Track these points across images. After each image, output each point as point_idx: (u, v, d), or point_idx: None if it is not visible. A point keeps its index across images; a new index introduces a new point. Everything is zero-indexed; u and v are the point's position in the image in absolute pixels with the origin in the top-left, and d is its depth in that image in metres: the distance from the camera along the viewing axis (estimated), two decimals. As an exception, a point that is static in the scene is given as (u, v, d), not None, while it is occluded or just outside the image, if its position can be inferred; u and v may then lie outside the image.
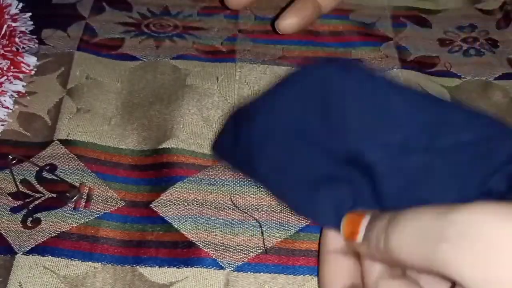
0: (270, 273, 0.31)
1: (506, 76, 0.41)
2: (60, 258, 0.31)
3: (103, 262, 0.31)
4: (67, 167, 0.35)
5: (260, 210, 0.33)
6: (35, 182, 0.34)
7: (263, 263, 0.31)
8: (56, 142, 0.36)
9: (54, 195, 0.34)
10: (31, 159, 0.35)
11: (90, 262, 0.31)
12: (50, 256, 0.31)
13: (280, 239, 0.32)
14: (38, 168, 0.35)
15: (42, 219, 0.33)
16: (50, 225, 0.32)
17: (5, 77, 0.38)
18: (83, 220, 0.33)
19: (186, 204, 0.33)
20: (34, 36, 0.43)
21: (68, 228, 0.32)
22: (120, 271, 0.31)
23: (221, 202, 0.34)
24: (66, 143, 0.36)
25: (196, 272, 0.31)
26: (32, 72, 0.40)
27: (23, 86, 0.39)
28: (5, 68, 0.38)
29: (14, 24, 0.41)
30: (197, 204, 0.33)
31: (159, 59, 0.42)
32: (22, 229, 0.32)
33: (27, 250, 0.31)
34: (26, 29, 0.42)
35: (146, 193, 0.34)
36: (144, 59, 0.42)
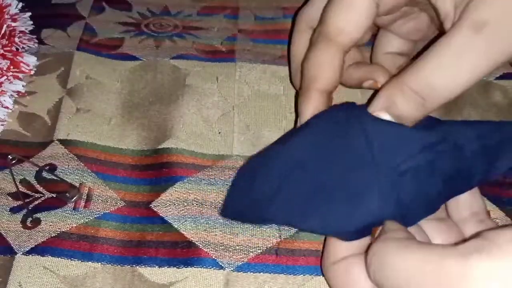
0: (270, 273, 0.31)
1: (506, 76, 0.41)
2: (60, 258, 0.31)
3: (103, 262, 0.31)
4: (66, 167, 0.35)
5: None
6: (35, 182, 0.34)
7: (263, 263, 0.31)
8: (56, 142, 0.36)
9: (54, 195, 0.34)
10: (31, 159, 0.35)
11: (90, 262, 0.31)
12: (50, 256, 0.31)
13: (280, 239, 0.32)
14: (38, 168, 0.35)
15: (42, 219, 0.33)
16: (50, 225, 0.32)
17: (5, 77, 0.38)
18: (82, 220, 0.33)
19: (186, 204, 0.33)
20: (34, 36, 0.43)
21: (68, 228, 0.32)
22: (120, 271, 0.31)
23: (221, 202, 0.34)
24: (66, 143, 0.36)
25: (196, 272, 0.31)
26: (32, 72, 0.40)
27: (22, 86, 0.39)
28: (5, 68, 0.38)
29: (14, 24, 0.41)
30: (197, 204, 0.33)
31: (159, 59, 0.42)
32: (22, 229, 0.32)
33: (27, 250, 0.31)
34: (26, 29, 0.42)
35: (146, 193, 0.34)
36: (144, 59, 0.42)
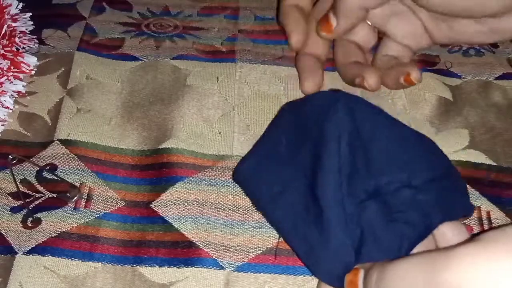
0: (270, 273, 0.31)
1: (506, 76, 0.41)
2: (60, 258, 0.31)
3: (103, 262, 0.31)
4: (67, 167, 0.35)
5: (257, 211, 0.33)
6: (35, 182, 0.34)
7: (263, 263, 0.31)
8: (56, 142, 0.36)
9: (55, 195, 0.34)
10: (31, 159, 0.35)
11: (90, 262, 0.31)
12: (51, 256, 0.31)
13: (280, 239, 0.32)
14: (38, 168, 0.35)
15: (42, 219, 0.33)
16: (51, 225, 0.32)
17: (5, 77, 0.38)
18: (83, 220, 0.33)
19: (186, 204, 0.34)
20: (34, 36, 0.43)
21: (68, 228, 0.32)
22: (120, 271, 0.31)
23: (221, 202, 0.34)
24: (66, 143, 0.36)
25: (196, 272, 0.31)
26: (32, 72, 0.40)
27: (23, 86, 0.39)
28: (5, 68, 0.38)
29: (14, 24, 0.41)
30: (197, 204, 0.34)
31: (159, 59, 0.42)
32: (22, 229, 0.32)
33: (27, 250, 0.31)
34: (26, 29, 0.42)
35: (146, 193, 0.34)
36: (144, 59, 0.42)
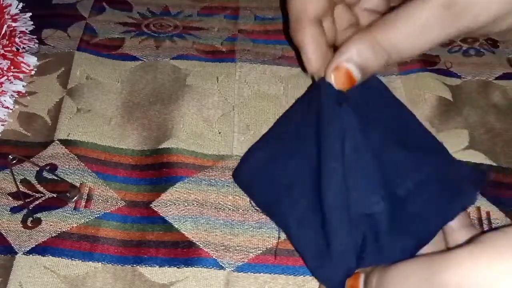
0: (270, 273, 0.31)
1: (506, 76, 0.41)
2: (60, 258, 0.31)
3: (103, 262, 0.31)
4: (67, 167, 0.35)
5: (260, 211, 0.33)
6: (36, 182, 0.34)
7: (263, 263, 0.31)
8: (57, 142, 0.36)
9: (55, 195, 0.34)
10: (31, 159, 0.35)
11: (91, 262, 0.31)
12: (51, 256, 0.31)
13: (280, 240, 0.32)
14: (38, 168, 0.35)
15: (42, 219, 0.33)
16: (51, 225, 0.32)
17: (5, 77, 0.38)
18: (83, 220, 0.33)
19: (186, 204, 0.34)
20: (34, 36, 0.43)
21: (69, 228, 0.32)
22: (120, 271, 0.31)
23: (221, 202, 0.34)
24: (66, 143, 0.36)
25: (196, 272, 0.31)
26: (32, 72, 0.40)
27: (23, 86, 0.39)
28: (5, 68, 0.38)
29: (14, 24, 0.41)
30: (197, 204, 0.34)
31: (159, 59, 0.42)
32: (23, 229, 0.32)
33: (28, 250, 0.31)
34: (26, 29, 0.42)
35: (146, 193, 0.34)
36: (144, 59, 0.42)
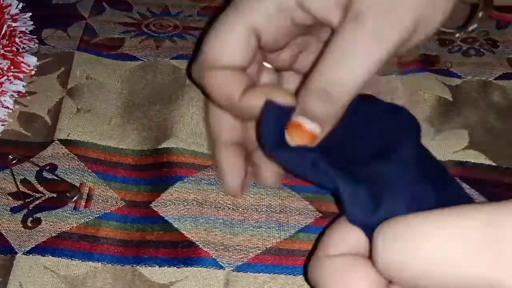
0: (269, 273, 0.31)
1: (506, 76, 0.41)
2: (60, 258, 0.31)
3: (103, 262, 0.31)
4: (67, 167, 0.35)
5: (259, 210, 0.33)
6: (35, 182, 0.34)
7: (262, 263, 0.31)
8: (56, 142, 0.36)
9: (54, 195, 0.34)
10: (31, 159, 0.35)
11: (90, 262, 0.31)
12: (50, 256, 0.31)
13: (279, 239, 0.32)
14: (38, 168, 0.35)
15: (42, 219, 0.33)
16: (50, 225, 0.32)
17: (5, 77, 0.38)
18: (83, 220, 0.33)
19: (186, 204, 0.34)
20: (34, 36, 0.43)
21: (68, 228, 0.32)
22: (120, 271, 0.31)
23: (221, 202, 0.34)
24: (66, 143, 0.36)
25: (196, 272, 0.31)
26: (32, 72, 0.40)
27: (23, 86, 0.39)
28: (5, 68, 0.38)
29: (14, 24, 0.41)
30: (197, 204, 0.34)
31: (159, 59, 0.42)
32: (22, 229, 0.32)
33: (27, 250, 0.31)
34: (26, 29, 0.42)
35: (146, 193, 0.34)
36: (144, 59, 0.42)
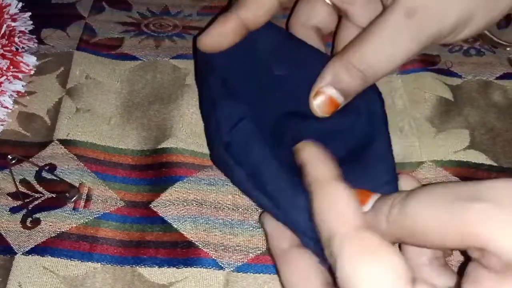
0: (269, 273, 0.31)
1: (506, 76, 0.41)
2: (59, 258, 0.31)
3: (102, 262, 0.31)
4: (66, 167, 0.35)
5: (259, 210, 0.33)
6: (35, 182, 0.34)
7: (262, 263, 0.31)
8: (56, 142, 0.36)
9: (54, 195, 0.34)
10: (31, 159, 0.35)
11: (90, 263, 0.31)
12: (50, 256, 0.31)
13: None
14: (37, 168, 0.35)
15: (41, 219, 0.33)
16: (50, 225, 0.32)
17: (4, 77, 0.38)
18: (82, 220, 0.33)
19: (185, 204, 0.33)
20: (34, 36, 0.43)
21: (68, 228, 0.32)
22: (120, 271, 0.31)
23: (220, 202, 0.34)
24: (65, 143, 0.36)
25: (196, 272, 0.31)
26: (32, 72, 0.40)
27: (22, 86, 0.39)
28: (4, 68, 0.38)
29: (13, 24, 0.41)
30: (196, 204, 0.33)
31: (158, 58, 0.42)
32: (22, 229, 0.32)
33: (27, 250, 0.31)
34: (26, 28, 0.42)
35: (146, 193, 0.34)
36: (144, 59, 0.42)
